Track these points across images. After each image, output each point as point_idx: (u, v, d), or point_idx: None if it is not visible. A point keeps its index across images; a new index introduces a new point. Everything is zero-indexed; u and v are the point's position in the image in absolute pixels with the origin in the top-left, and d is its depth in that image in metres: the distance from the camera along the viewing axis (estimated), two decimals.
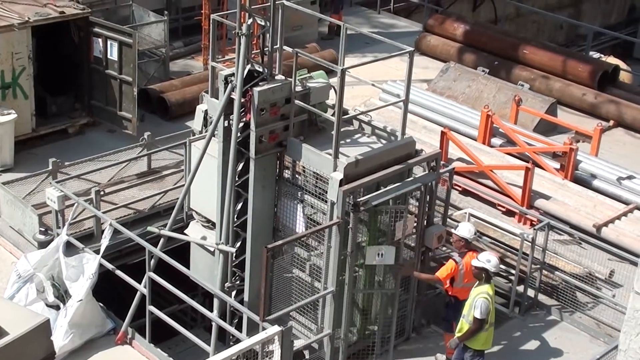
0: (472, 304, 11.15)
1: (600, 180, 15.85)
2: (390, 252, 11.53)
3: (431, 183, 12.00)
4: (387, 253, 11.49)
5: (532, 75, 20.77)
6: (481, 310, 11.10)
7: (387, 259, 11.51)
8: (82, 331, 12.19)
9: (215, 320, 11.68)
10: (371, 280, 11.78)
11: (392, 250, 11.57)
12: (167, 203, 14.71)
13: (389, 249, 11.54)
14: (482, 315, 11.12)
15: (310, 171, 11.51)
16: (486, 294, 11.17)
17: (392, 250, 11.56)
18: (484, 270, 11.23)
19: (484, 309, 11.10)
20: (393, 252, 11.55)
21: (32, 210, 13.87)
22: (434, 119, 18.07)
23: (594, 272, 13.48)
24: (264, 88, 11.22)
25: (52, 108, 17.49)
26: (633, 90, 20.95)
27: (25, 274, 12.62)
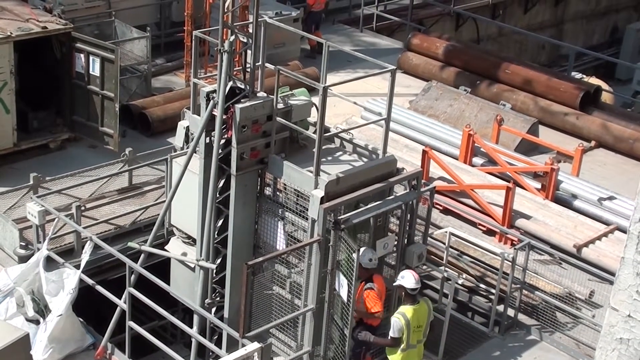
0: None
1: (581, 201, 15.92)
2: (391, 241, 11.81)
3: (412, 202, 12.02)
4: (390, 242, 11.75)
5: (514, 94, 20.86)
6: (393, 329, 11.18)
7: (390, 247, 11.77)
8: (61, 346, 12.16)
9: (194, 336, 11.66)
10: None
11: (392, 238, 11.84)
12: (148, 219, 14.69)
13: (390, 238, 11.77)
14: (393, 333, 11.19)
15: (292, 188, 11.51)
16: (401, 313, 11.21)
17: (392, 238, 11.82)
18: (401, 288, 11.29)
19: (395, 328, 11.16)
20: (393, 240, 11.83)
21: (12, 225, 13.83)
22: (415, 137, 18.13)
23: (574, 292, 13.52)
24: (245, 105, 11.23)
25: (34, 123, 17.45)
26: (615, 111, 21.07)
27: (5, 288, 12.58)
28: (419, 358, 11.53)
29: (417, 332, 11.30)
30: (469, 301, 14.16)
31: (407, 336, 11.22)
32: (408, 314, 11.20)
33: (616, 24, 35.23)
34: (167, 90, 20.12)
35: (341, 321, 11.33)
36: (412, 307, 11.23)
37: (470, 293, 14.17)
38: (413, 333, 11.26)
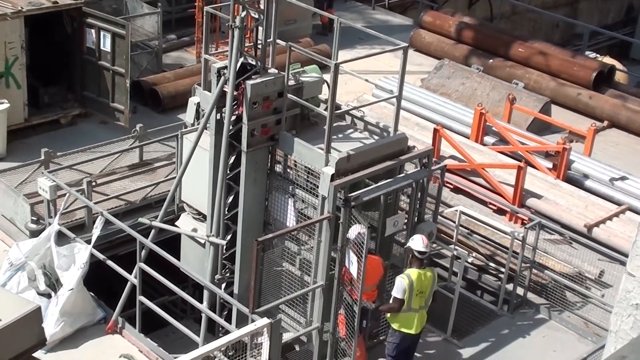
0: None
1: (593, 181, 15.88)
2: (401, 219, 11.83)
3: (422, 180, 12.01)
4: (400, 220, 11.77)
5: (527, 73, 20.76)
6: (396, 289, 11.22)
7: (400, 225, 11.79)
8: (72, 320, 12.22)
9: (204, 311, 11.70)
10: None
11: (403, 216, 11.85)
12: (158, 195, 14.72)
13: (400, 215, 11.78)
14: (396, 293, 11.23)
15: (302, 165, 11.52)
16: (406, 274, 11.27)
17: (402, 216, 11.84)
18: (410, 251, 11.37)
19: (398, 287, 11.20)
20: (403, 218, 11.85)
21: (24, 200, 13.88)
22: (426, 116, 18.09)
23: (583, 272, 13.51)
24: (256, 81, 11.22)
25: (45, 98, 17.48)
26: (628, 91, 20.94)
27: (17, 262, 12.65)
28: (420, 325, 11.52)
29: (419, 297, 11.32)
30: (478, 279, 14.18)
31: (408, 298, 11.25)
32: (413, 275, 11.25)
33: (631, 3, 34.98)
34: (177, 67, 20.12)
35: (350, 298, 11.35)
36: (418, 271, 11.29)
37: (480, 271, 14.17)
38: (415, 297, 11.28)
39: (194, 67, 19.58)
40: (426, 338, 12.76)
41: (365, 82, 12.55)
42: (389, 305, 11.44)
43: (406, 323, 11.44)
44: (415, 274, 11.27)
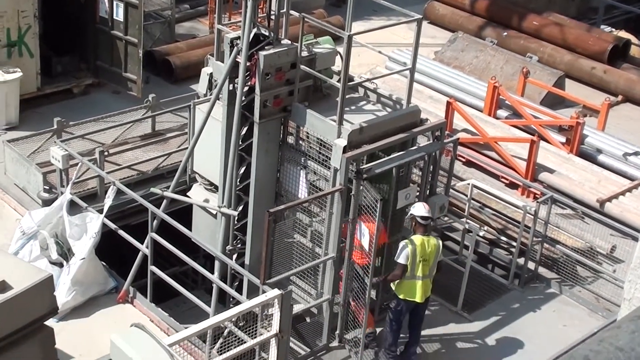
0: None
1: (606, 156, 15.84)
2: (413, 192, 11.80)
3: (435, 153, 11.99)
4: (412, 193, 11.73)
5: (541, 47, 20.65)
6: (399, 254, 11.18)
7: (412, 198, 11.73)
8: (84, 289, 12.29)
9: (216, 282, 11.73)
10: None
11: (414, 189, 11.84)
12: (170, 165, 14.74)
13: (412, 188, 11.77)
14: (399, 258, 11.18)
15: (314, 137, 11.50)
16: (409, 240, 11.24)
17: (414, 189, 11.82)
18: (413, 219, 11.35)
19: (402, 253, 11.15)
20: (415, 191, 11.83)
21: (36, 169, 13.92)
22: (440, 89, 18.04)
23: (595, 246, 13.50)
24: (269, 52, 11.18)
25: (58, 67, 17.48)
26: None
27: (29, 231, 12.71)
28: (423, 293, 11.47)
29: (422, 264, 11.28)
30: (489, 253, 14.19)
31: (412, 264, 11.24)
32: (416, 241, 11.24)
33: None
34: (190, 37, 20.10)
35: (362, 270, 11.36)
36: (422, 237, 11.26)
37: (491, 245, 14.19)
38: (418, 264, 11.26)
39: (206, 37, 19.56)
40: (437, 311, 12.77)
41: (378, 54, 12.49)
42: (393, 273, 11.43)
43: (410, 291, 11.41)
44: (419, 240, 11.25)
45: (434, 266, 11.44)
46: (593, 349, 2.12)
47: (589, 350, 2.13)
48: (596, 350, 2.12)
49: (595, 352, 2.11)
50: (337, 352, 11.90)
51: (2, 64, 16.01)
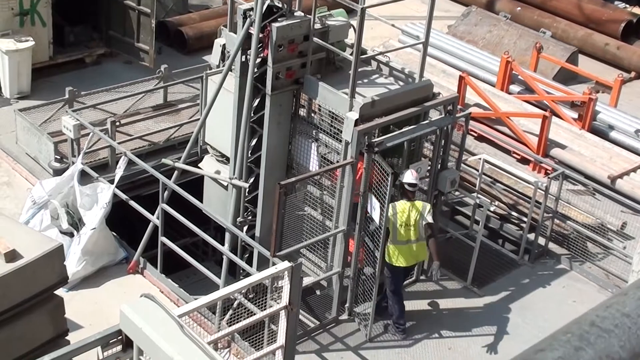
0: None
1: (618, 132, 15.78)
2: (425, 166, 11.81)
3: (447, 127, 11.96)
4: (423, 167, 11.74)
5: (555, 22, 20.56)
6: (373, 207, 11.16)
7: (423, 172, 11.78)
8: (94, 259, 12.33)
9: (226, 253, 11.76)
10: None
11: (426, 163, 11.84)
12: (182, 136, 14.75)
13: (423, 162, 11.78)
14: (372, 213, 11.15)
15: (326, 110, 11.48)
16: (392, 204, 11.21)
17: (425, 163, 11.83)
18: (402, 186, 11.36)
19: (376, 209, 11.09)
20: (426, 165, 11.84)
21: (47, 138, 13.93)
22: (452, 63, 17.97)
23: (606, 223, 13.47)
24: (282, 24, 11.14)
25: (70, 37, 17.46)
26: None
27: (40, 201, 12.74)
28: (412, 259, 11.54)
29: (405, 229, 11.32)
30: (500, 229, 14.18)
31: (393, 229, 11.26)
32: (398, 207, 11.28)
33: None
34: (203, 8, 20.04)
35: (372, 243, 11.37)
36: (405, 204, 11.29)
37: (502, 220, 14.17)
38: (399, 227, 11.29)
39: (220, 8, 19.50)
40: (446, 286, 12.79)
41: (391, 28, 12.46)
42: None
43: (396, 256, 11.45)
44: (400, 206, 11.28)
45: (420, 229, 11.40)
46: (599, 315, 2.15)
47: (595, 316, 2.15)
48: (603, 316, 2.14)
49: (601, 318, 2.13)
50: (347, 325, 11.93)
51: (15, 32, 15.99)
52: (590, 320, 2.13)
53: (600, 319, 2.13)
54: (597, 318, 2.13)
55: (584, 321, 2.13)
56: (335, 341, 11.69)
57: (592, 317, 2.14)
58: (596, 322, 2.12)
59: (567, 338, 2.08)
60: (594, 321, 2.12)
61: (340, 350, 11.54)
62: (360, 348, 11.58)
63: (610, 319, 2.12)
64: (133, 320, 6.68)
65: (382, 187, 10.91)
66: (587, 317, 2.14)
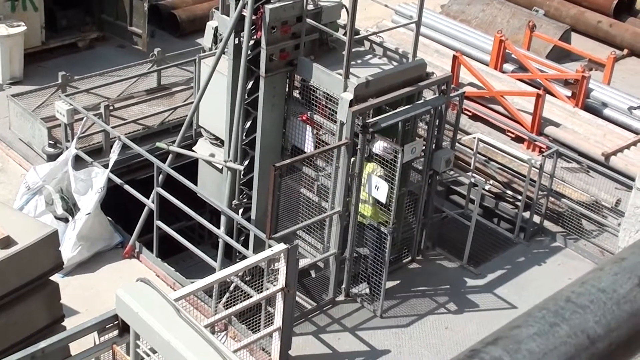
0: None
1: (611, 109, 15.79)
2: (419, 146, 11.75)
3: (441, 107, 11.95)
4: (417, 147, 11.67)
5: (548, 0, 20.55)
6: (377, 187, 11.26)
7: (418, 152, 11.74)
8: (90, 244, 12.33)
9: (222, 236, 11.77)
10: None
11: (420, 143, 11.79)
12: (176, 120, 14.73)
13: (418, 142, 11.71)
14: (374, 193, 11.26)
15: (321, 91, 11.46)
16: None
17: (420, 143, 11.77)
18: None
19: (381, 187, 11.17)
20: (421, 145, 11.78)
21: (41, 123, 13.90)
22: (446, 42, 17.96)
23: (600, 200, 13.51)
24: (275, 5, 11.11)
25: (62, 21, 17.40)
26: None
27: (34, 186, 12.73)
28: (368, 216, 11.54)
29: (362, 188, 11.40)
30: (495, 207, 14.22)
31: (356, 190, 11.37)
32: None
33: None
34: None
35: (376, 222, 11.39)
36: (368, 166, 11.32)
37: (497, 199, 14.21)
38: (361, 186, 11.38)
39: None
40: (442, 265, 12.82)
41: (384, 8, 12.45)
42: None
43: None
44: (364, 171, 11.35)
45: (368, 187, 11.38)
46: (575, 291, 2.18)
47: (571, 292, 2.18)
48: (578, 292, 2.17)
49: (577, 294, 2.16)
50: (344, 306, 11.96)
51: (6, 17, 15.93)
52: (565, 296, 2.16)
53: (575, 294, 2.16)
54: (573, 294, 2.16)
55: (559, 297, 2.17)
56: (332, 322, 11.71)
57: (568, 293, 2.18)
58: (572, 298, 2.15)
59: (542, 314, 2.11)
60: (569, 297, 2.15)
61: (337, 332, 11.56)
62: (357, 329, 11.61)
63: (586, 295, 2.15)
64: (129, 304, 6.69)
65: (389, 164, 10.93)
66: (563, 293, 2.18)
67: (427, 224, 12.80)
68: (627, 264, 2.26)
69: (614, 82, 16.91)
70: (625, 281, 2.19)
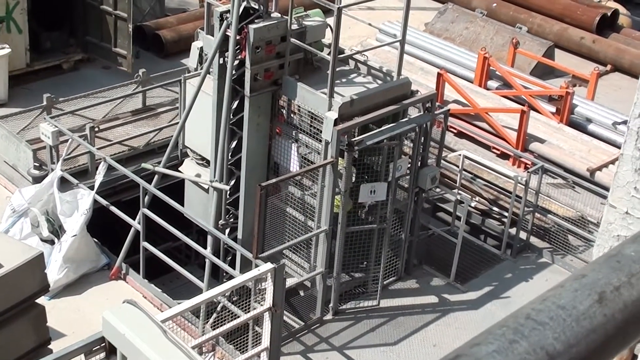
0: None
1: (596, 125, 15.89)
2: (405, 163, 11.72)
3: (426, 124, 12.01)
4: (403, 165, 11.65)
5: (530, 17, 20.70)
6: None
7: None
8: (76, 266, 12.30)
9: (208, 257, 11.78)
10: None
11: (406, 160, 11.77)
12: (161, 140, 14.72)
13: (404, 160, 11.71)
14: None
15: (305, 110, 11.50)
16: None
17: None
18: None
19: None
20: (385, 188, 11.62)
21: (26, 145, 13.88)
22: (430, 60, 18.05)
23: (586, 215, 13.57)
24: (259, 25, 11.17)
25: (47, 43, 17.41)
26: (631, 34, 20.88)
27: (19, 209, 12.70)
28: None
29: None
30: (481, 224, 14.27)
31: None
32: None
33: None
34: (180, 11, 20.07)
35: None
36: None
37: (483, 216, 14.26)
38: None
39: (197, 11, 19.51)
40: (430, 282, 12.85)
41: (369, 27, 12.50)
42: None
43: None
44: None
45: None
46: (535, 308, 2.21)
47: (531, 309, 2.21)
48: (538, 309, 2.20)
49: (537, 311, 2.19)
50: (331, 325, 11.97)
51: None
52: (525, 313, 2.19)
53: (535, 311, 2.19)
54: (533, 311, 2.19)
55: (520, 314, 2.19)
56: (320, 341, 11.72)
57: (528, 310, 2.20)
58: (531, 315, 2.18)
59: (502, 331, 2.12)
60: (529, 314, 2.18)
61: (325, 351, 11.57)
62: (345, 348, 11.62)
63: (545, 312, 2.19)
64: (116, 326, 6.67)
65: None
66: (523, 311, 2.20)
67: (413, 242, 12.84)
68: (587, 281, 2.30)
69: (598, 98, 17.02)
70: (585, 298, 2.24)
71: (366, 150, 11.35)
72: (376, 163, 11.64)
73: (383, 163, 11.66)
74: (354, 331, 11.88)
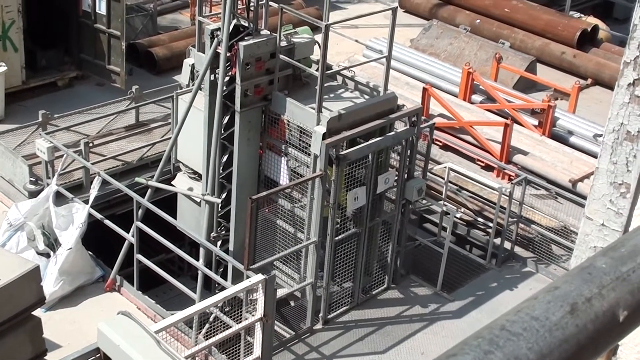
0: None
1: (577, 137, 16.14)
2: (392, 176, 11.94)
3: (412, 138, 12.20)
4: (360, 195, 11.76)
5: (513, 33, 21.00)
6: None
7: (361, 201, 11.80)
8: (71, 278, 12.41)
9: (201, 268, 11.91)
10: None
11: (393, 173, 11.99)
12: (154, 155, 14.86)
13: (391, 173, 11.93)
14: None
15: (295, 125, 11.71)
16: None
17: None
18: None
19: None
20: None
21: (22, 161, 14.03)
22: (416, 75, 18.26)
23: (569, 225, 13.76)
24: (249, 42, 11.37)
25: (42, 61, 17.61)
26: (611, 49, 21.19)
27: (16, 223, 12.78)
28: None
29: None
30: (467, 234, 14.47)
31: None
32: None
33: None
34: (172, 29, 20.26)
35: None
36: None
37: (469, 226, 14.45)
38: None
39: (188, 29, 19.72)
40: (417, 292, 13.05)
41: (355, 43, 12.71)
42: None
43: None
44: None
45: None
46: (510, 319, 2.21)
47: (505, 321, 2.20)
48: (512, 320, 2.20)
49: (511, 322, 2.19)
50: (321, 335, 12.13)
51: None
52: (500, 324, 2.19)
53: (510, 323, 2.19)
54: (507, 322, 2.19)
55: (494, 326, 2.19)
56: (310, 350, 11.87)
57: (503, 321, 2.20)
58: (506, 326, 2.18)
59: (477, 342, 2.13)
60: (504, 325, 2.18)
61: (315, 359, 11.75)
62: (335, 356, 11.78)
63: (519, 323, 2.19)
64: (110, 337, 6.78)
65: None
66: (498, 322, 2.21)
67: (401, 252, 13.02)
68: (560, 293, 2.31)
69: (579, 111, 17.25)
70: (558, 309, 2.25)
71: (353, 163, 11.56)
72: (363, 175, 11.86)
73: (370, 175, 11.89)
74: (344, 340, 12.03)
